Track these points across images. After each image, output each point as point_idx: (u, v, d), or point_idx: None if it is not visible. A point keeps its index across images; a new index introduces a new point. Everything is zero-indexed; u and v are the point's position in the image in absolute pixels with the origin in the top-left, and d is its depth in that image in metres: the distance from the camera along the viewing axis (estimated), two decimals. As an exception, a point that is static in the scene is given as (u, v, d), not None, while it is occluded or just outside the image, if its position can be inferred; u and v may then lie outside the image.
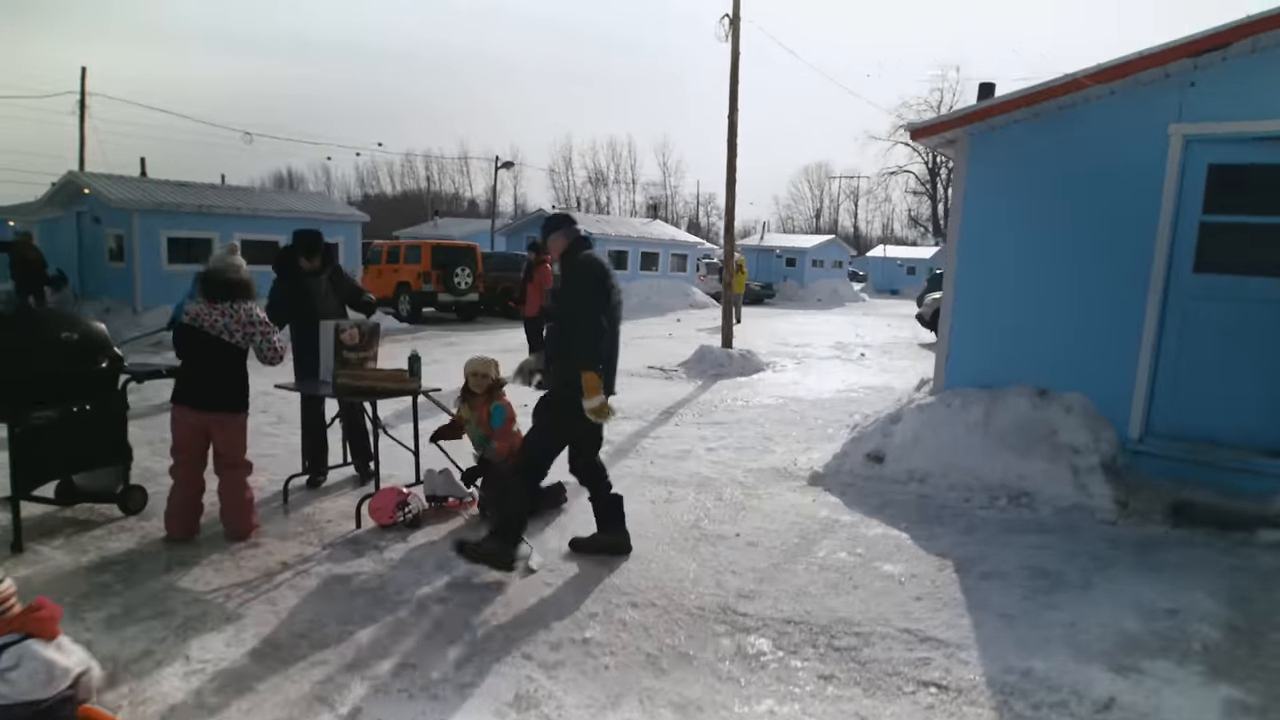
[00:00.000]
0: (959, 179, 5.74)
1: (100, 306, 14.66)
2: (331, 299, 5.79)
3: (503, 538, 4.09)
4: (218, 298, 4.50)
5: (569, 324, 4.01)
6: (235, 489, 4.64)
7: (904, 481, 5.62)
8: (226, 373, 4.54)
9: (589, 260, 4.09)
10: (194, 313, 4.49)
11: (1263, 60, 4.66)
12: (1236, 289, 4.93)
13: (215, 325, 4.47)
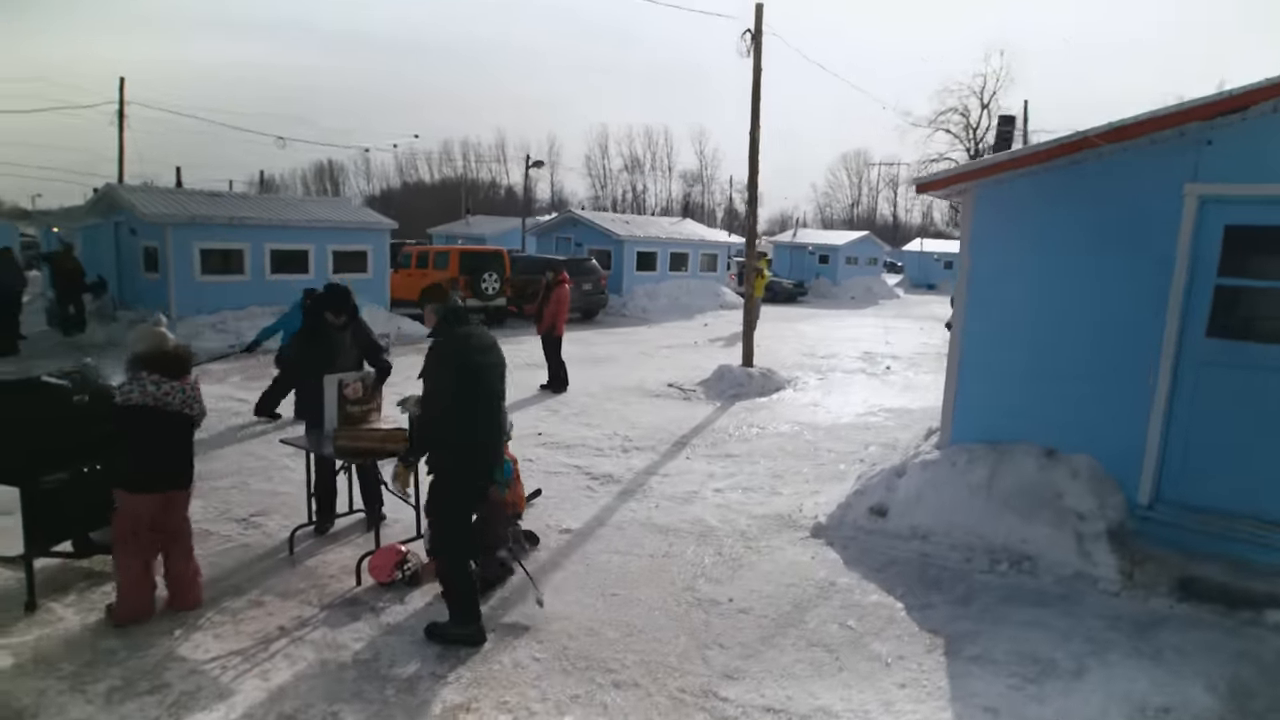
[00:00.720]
0: (965, 229, 5.62)
1: (136, 317, 15.03)
2: (352, 352, 5.89)
3: (459, 621, 4.22)
4: (178, 373, 4.41)
5: (424, 402, 4.20)
6: (187, 562, 4.62)
7: (906, 538, 5.56)
8: (187, 446, 4.52)
9: (446, 342, 4.13)
10: (156, 395, 4.30)
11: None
12: (1252, 355, 4.77)
13: (183, 402, 4.40)
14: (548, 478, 7.22)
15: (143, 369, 4.38)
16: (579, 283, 21.18)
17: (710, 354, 15.84)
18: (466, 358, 4.08)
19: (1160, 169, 4.88)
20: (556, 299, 11.07)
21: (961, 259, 5.67)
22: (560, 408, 10.23)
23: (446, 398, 4.03)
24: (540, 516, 6.22)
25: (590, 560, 5.42)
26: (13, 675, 3.92)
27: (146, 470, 4.37)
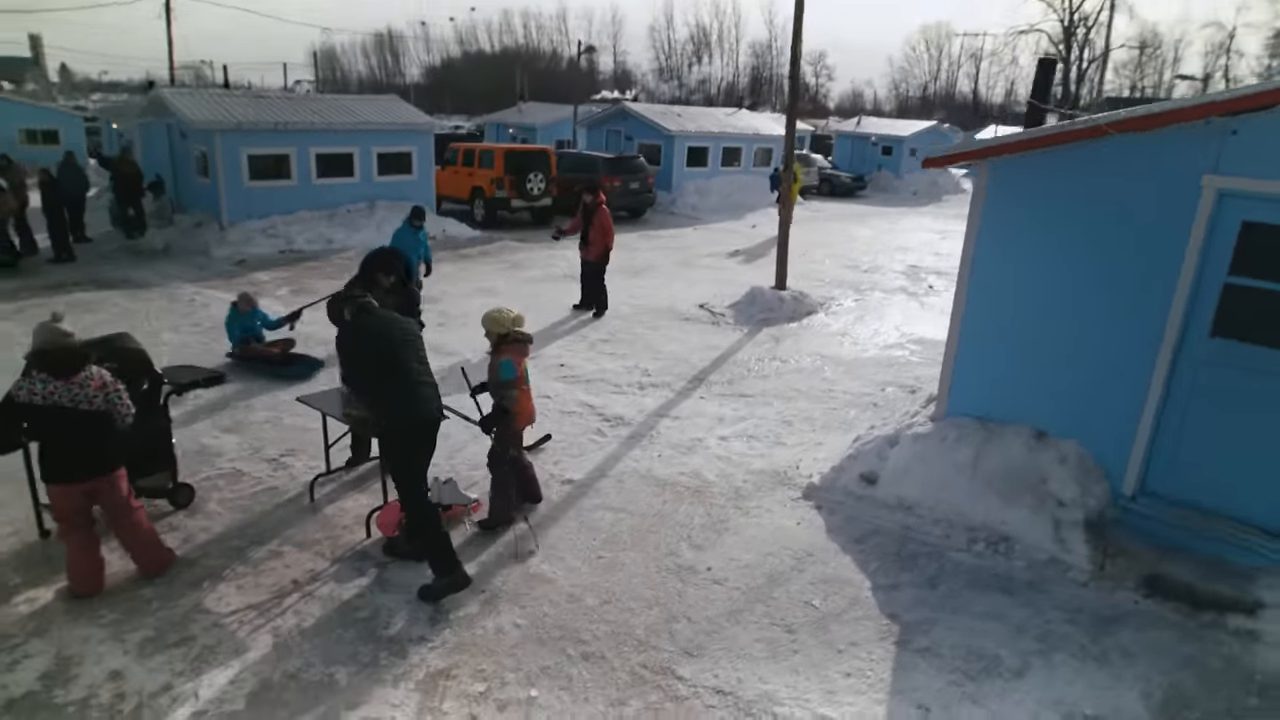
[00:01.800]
0: (976, 203, 5.45)
1: (192, 220, 15.59)
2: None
3: (441, 571, 4.67)
4: (66, 373, 4.36)
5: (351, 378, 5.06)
6: (135, 534, 4.78)
7: (893, 508, 5.73)
8: (95, 440, 4.48)
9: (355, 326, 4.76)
10: (43, 394, 4.29)
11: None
12: (1254, 359, 4.64)
13: (74, 399, 4.35)
14: (561, 419, 7.52)
15: (32, 367, 4.40)
16: (626, 181, 20.98)
17: (750, 265, 15.71)
18: (375, 339, 4.67)
19: (1179, 157, 4.62)
20: (600, 225, 10.94)
21: (969, 232, 5.53)
22: (589, 333, 10.44)
23: (370, 366, 4.67)
24: (546, 464, 6.55)
25: (584, 517, 5.75)
26: (65, 621, 4.49)
27: (52, 464, 4.44)
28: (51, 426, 4.38)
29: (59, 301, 11.06)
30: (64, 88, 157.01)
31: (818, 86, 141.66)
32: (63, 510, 4.57)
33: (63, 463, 4.45)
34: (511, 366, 5.32)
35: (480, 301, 11.83)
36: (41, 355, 4.34)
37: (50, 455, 4.46)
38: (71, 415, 4.36)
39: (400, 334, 4.77)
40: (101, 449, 4.54)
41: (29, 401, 4.31)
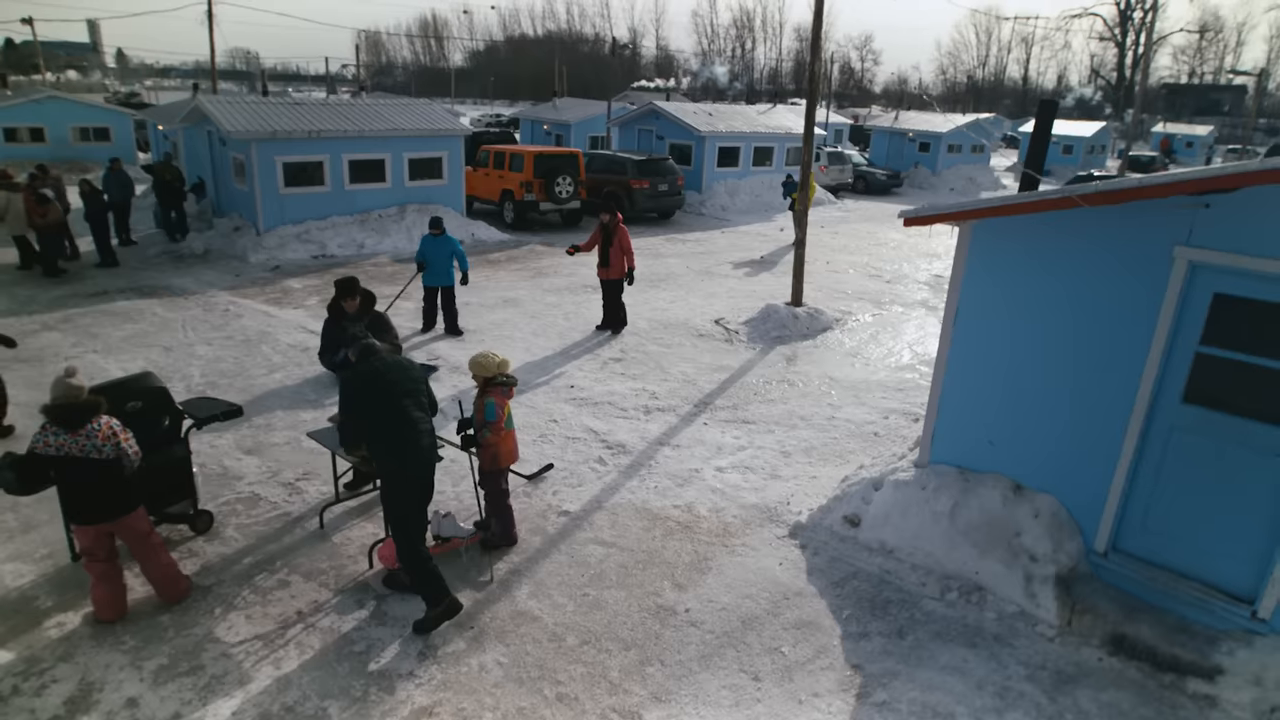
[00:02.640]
0: (959, 260, 5.56)
1: (230, 224, 16.15)
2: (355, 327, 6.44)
3: (431, 602, 5.04)
4: (75, 425, 4.68)
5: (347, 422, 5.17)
6: (155, 567, 5.20)
7: (874, 551, 5.90)
8: (110, 485, 4.81)
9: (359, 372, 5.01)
10: (56, 445, 4.64)
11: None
12: (1225, 427, 4.71)
13: (84, 450, 4.68)
14: (566, 445, 7.80)
15: (46, 420, 4.73)
16: (655, 184, 21.14)
17: (773, 274, 15.79)
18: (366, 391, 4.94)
19: (1152, 228, 4.70)
20: (620, 245, 11.04)
21: (952, 287, 5.64)
22: (603, 351, 10.68)
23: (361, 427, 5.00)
24: (545, 494, 6.84)
25: (575, 552, 6.03)
26: (90, 647, 4.90)
27: (72, 507, 4.87)
28: (67, 475, 4.75)
29: (101, 310, 11.65)
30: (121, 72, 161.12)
31: (863, 71, 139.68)
32: (86, 546, 4.98)
33: (81, 506, 4.85)
34: (494, 409, 5.59)
35: (503, 314, 12.19)
36: (52, 409, 4.70)
37: (69, 499, 4.88)
38: (84, 464, 4.71)
39: (403, 382, 5.04)
40: (115, 493, 4.88)
41: (45, 453, 4.68)
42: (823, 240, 20.15)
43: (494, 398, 5.61)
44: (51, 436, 4.67)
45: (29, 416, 7.74)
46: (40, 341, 10.21)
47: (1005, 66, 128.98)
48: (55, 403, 4.72)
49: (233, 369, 9.49)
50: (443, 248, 10.84)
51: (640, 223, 21.33)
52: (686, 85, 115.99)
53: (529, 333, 11.32)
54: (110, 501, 4.88)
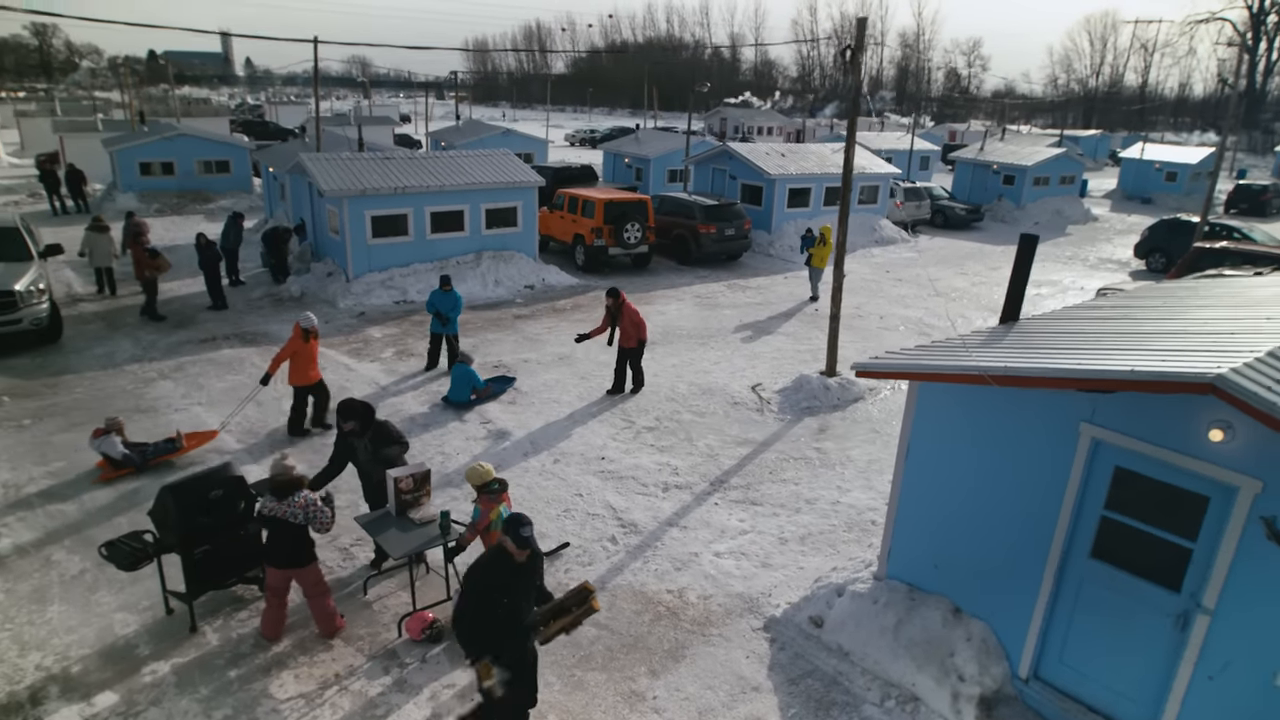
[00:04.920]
0: (909, 405, 6.25)
1: (325, 269, 17.88)
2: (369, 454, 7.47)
3: None
4: (282, 496, 6.35)
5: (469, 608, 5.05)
6: (318, 607, 6.75)
7: (832, 652, 6.64)
8: (295, 543, 6.46)
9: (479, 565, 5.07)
10: (270, 508, 6.34)
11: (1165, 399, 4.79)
12: (1125, 585, 5.26)
13: (285, 514, 6.34)
14: (585, 522, 8.77)
15: (266, 490, 6.50)
16: (721, 229, 21.97)
17: (822, 329, 16.34)
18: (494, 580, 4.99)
19: (1063, 404, 5.30)
20: (631, 320, 12.03)
21: (904, 431, 6.33)
22: (638, 417, 11.61)
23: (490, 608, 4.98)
24: (557, 572, 7.83)
25: (572, 634, 6.95)
26: (174, 693, 6.17)
27: (270, 552, 6.53)
28: (270, 528, 6.43)
29: (209, 359, 13.35)
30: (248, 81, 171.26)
31: (969, 77, 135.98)
32: (270, 583, 6.58)
33: (274, 555, 6.48)
34: (480, 512, 6.61)
35: (555, 374, 13.26)
36: (271, 484, 6.42)
37: (264, 549, 6.55)
38: (281, 524, 6.36)
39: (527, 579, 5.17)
40: (296, 550, 6.46)
41: (261, 512, 6.42)
42: (884, 289, 20.52)
43: (480, 503, 6.63)
44: (270, 502, 6.35)
45: (142, 472, 9.27)
46: (156, 391, 11.91)
47: (1122, 74, 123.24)
48: (273, 478, 6.38)
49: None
50: (448, 300, 12.75)
51: (706, 265, 22.17)
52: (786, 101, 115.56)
53: (575, 396, 12.36)
54: (293, 555, 6.47)
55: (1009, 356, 5.49)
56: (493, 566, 5.00)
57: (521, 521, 4.98)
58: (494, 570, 4.98)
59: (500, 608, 4.95)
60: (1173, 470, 4.91)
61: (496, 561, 5.00)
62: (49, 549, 7.94)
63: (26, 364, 12.87)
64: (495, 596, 4.94)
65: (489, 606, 4.94)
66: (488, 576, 4.97)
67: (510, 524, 4.96)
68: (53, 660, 6.45)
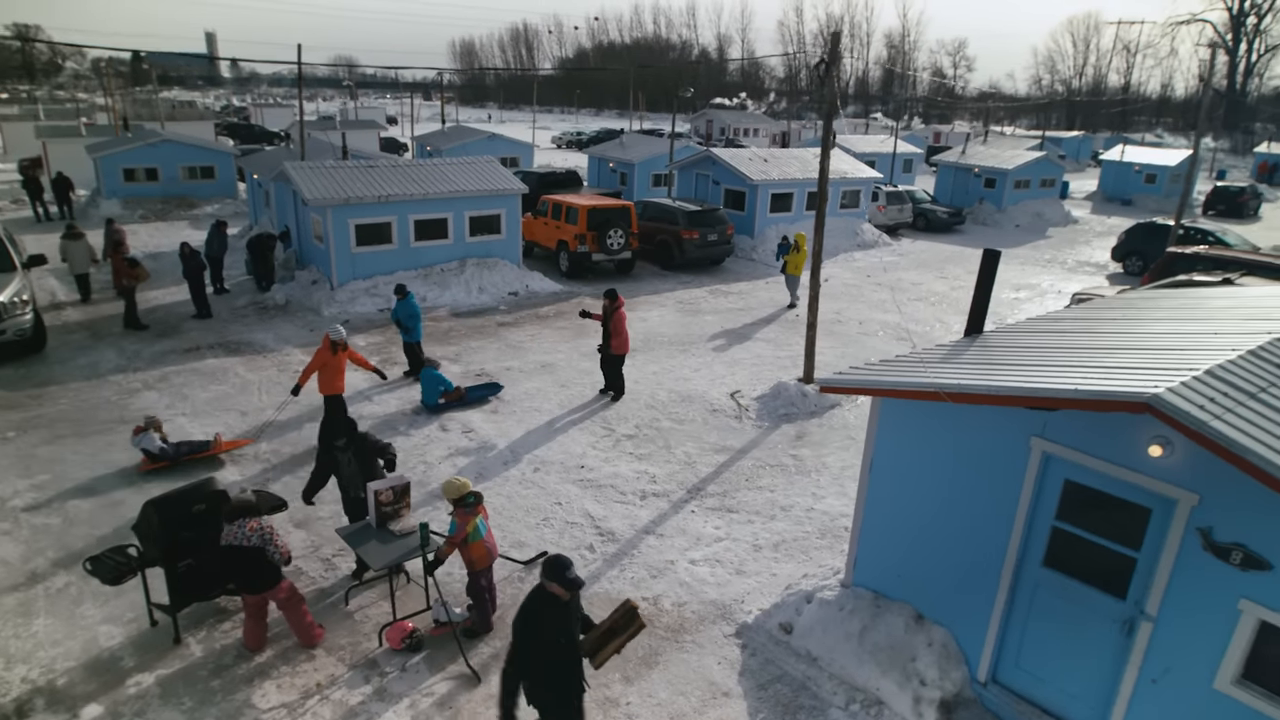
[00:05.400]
0: (872, 419, 6.46)
1: (309, 277, 17.97)
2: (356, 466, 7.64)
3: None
4: (232, 519, 6.48)
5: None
6: (295, 621, 6.89)
7: (800, 657, 6.85)
8: (254, 566, 6.49)
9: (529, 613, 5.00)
10: (225, 535, 6.46)
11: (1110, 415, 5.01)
12: (1077, 593, 5.49)
13: (235, 538, 6.42)
14: (564, 530, 8.95)
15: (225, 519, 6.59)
16: (704, 234, 22.17)
17: (802, 335, 16.56)
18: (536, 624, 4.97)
19: (1015, 420, 5.52)
20: (616, 328, 12.25)
21: (868, 443, 6.55)
22: (617, 425, 11.79)
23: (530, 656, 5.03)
24: (534, 580, 7.96)
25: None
26: (158, 704, 6.31)
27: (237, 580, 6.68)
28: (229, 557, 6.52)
29: (193, 370, 13.45)
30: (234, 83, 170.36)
31: (955, 78, 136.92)
32: (245, 604, 6.76)
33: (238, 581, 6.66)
34: (455, 525, 6.78)
35: (537, 382, 13.42)
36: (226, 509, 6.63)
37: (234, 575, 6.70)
38: (237, 550, 6.43)
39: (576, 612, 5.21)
40: (260, 574, 6.55)
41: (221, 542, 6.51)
42: (864, 294, 20.79)
43: (455, 516, 6.80)
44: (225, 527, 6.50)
45: (130, 475, 9.40)
46: (140, 402, 12.01)
47: (1105, 75, 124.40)
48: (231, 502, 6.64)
49: (295, 438, 11.02)
50: (405, 309, 13.00)
51: (689, 270, 22.38)
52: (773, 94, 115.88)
53: (556, 404, 12.53)
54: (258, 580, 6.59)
55: (964, 373, 5.71)
56: (545, 612, 4.94)
57: (564, 564, 4.95)
58: (546, 615, 4.94)
59: (560, 649, 4.98)
60: (1118, 483, 5.14)
61: (546, 606, 4.95)
62: (34, 562, 8.06)
63: (10, 375, 12.94)
64: (552, 638, 4.93)
65: (550, 650, 4.94)
66: (543, 623, 4.93)
67: (555, 568, 4.94)
68: (39, 673, 6.57)
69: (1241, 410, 4.53)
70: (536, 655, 4.96)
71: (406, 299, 13.04)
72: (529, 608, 4.99)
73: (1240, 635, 4.69)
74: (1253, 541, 4.57)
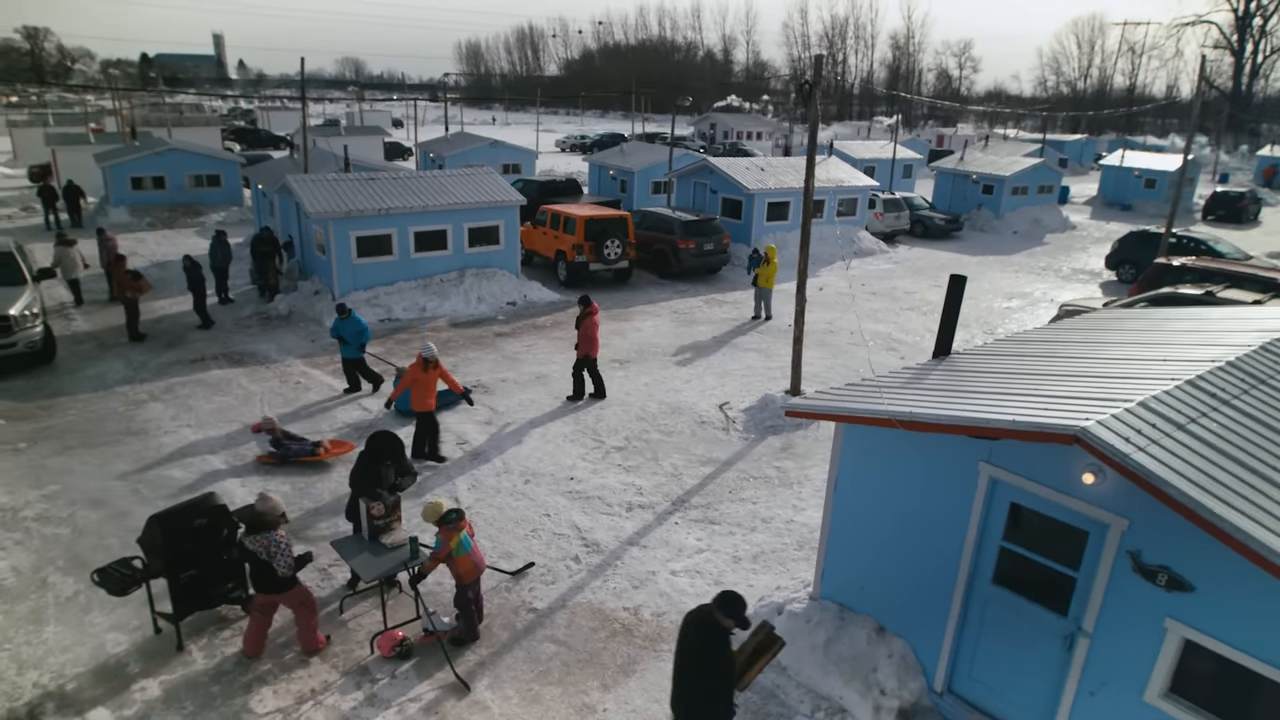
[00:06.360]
0: (836, 442, 6.81)
1: (311, 288, 18.37)
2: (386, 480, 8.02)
3: None
4: (255, 531, 6.90)
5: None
6: (303, 626, 7.27)
7: (771, 666, 7.18)
8: (268, 572, 6.93)
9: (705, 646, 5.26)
10: (248, 543, 6.88)
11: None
12: (1023, 610, 5.82)
13: (254, 546, 6.86)
14: (551, 541, 9.31)
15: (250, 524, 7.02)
16: (700, 244, 22.52)
17: (808, 346, 16.88)
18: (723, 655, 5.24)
19: (963, 445, 5.86)
20: (585, 333, 12.96)
21: (832, 463, 6.89)
22: (607, 437, 12.15)
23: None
24: (522, 591, 8.37)
25: (533, 649, 7.52)
26: (162, 708, 6.69)
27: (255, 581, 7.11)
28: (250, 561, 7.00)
29: (198, 381, 13.85)
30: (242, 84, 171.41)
31: (960, 79, 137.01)
32: (256, 602, 7.12)
33: (255, 582, 7.09)
34: (441, 542, 7.14)
35: (531, 394, 13.78)
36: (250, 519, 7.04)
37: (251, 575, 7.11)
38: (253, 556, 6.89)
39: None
40: (272, 580, 6.95)
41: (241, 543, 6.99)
42: (857, 302, 21.07)
43: (441, 534, 7.16)
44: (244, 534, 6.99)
45: (136, 486, 9.79)
46: (146, 414, 12.42)
47: (1110, 77, 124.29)
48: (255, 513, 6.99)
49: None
50: (349, 327, 13.00)
51: (685, 279, 22.72)
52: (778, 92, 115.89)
53: (549, 415, 12.90)
54: (272, 585, 7.00)
55: (919, 400, 6.05)
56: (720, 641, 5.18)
57: (738, 600, 5.20)
58: (721, 646, 5.19)
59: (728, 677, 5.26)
60: (1057, 507, 5.48)
61: (718, 635, 5.18)
62: (45, 571, 8.46)
63: (22, 386, 13.37)
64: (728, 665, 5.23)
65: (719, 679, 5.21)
66: (721, 654, 5.19)
67: (732, 605, 5.18)
68: (49, 678, 6.96)
69: (1167, 442, 4.87)
70: (709, 684, 5.19)
71: (350, 318, 13.02)
72: (700, 640, 5.23)
73: (1166, 652, 5.02)
74: (1176, 564, 4.90)
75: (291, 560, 6.97)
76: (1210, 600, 4.79)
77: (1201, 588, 4.82)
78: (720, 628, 5.18)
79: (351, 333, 13.03)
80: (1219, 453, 4.92)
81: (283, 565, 6.89)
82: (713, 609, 5.23)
